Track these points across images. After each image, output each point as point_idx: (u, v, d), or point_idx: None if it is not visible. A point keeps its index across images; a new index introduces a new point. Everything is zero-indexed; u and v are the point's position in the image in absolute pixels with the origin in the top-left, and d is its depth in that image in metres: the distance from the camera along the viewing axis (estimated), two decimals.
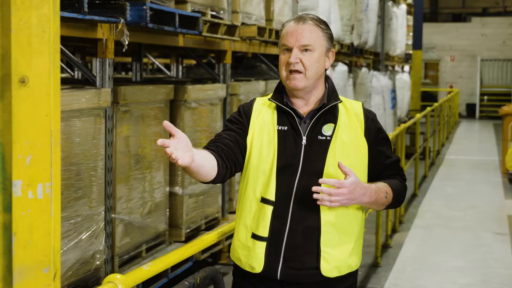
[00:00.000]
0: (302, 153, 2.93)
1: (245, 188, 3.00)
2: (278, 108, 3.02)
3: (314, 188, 2.75)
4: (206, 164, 2.82)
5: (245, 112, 3.06)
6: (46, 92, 1.85)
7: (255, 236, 2.95)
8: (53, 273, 1.86)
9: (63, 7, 4.17)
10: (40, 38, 1.85)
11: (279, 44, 3.00)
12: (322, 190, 2.74)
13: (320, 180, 2.76)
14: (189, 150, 2.63)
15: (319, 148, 2.94)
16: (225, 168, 2.92)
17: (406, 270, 7.16)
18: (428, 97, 27.39)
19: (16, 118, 1.85)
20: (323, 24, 2.99)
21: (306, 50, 2.92)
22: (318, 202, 2.76)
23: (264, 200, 2.93)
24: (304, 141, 2.94)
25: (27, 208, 1.85)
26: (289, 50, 2.93)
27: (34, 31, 1.85)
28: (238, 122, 3.04)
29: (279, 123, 2.98)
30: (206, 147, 2.94)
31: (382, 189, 2.95)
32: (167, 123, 2.59)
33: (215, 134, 3.05)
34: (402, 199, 3.11)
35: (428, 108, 13.32)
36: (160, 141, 2.53)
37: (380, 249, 7.42)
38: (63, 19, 4.19)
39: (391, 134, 7.88)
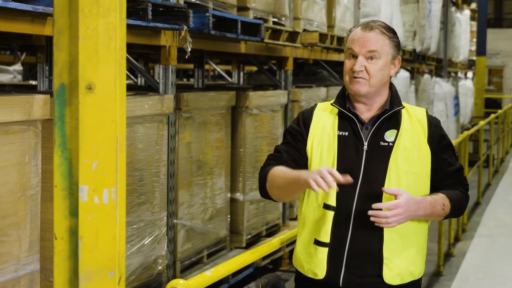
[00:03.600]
0: (363, 159, 2.91)
1: (307, 194, 2.99)
2: (339, 114, 3.01)
3: (370, 212, 2.78)
4: None
5: (304, 119, 3.05)
6: (112, 98, 1.87)
7: (317, 242, 2.94)
8: (118, 277, 1.87)
9: (128, 15, 4.18)
10: (106, 46, 1.87)
11: (345, 48, 2.99)
12: (379, 214, 2.77)
13: (374, 205, 2.79)
14: None
15: (381, 154, 2.91)
16: None
17: (469, 279, 7.04)
18: (492, 104, 26.90)
19: (83, 124, 1.87)
20: (390, 32, 2.97)
21: (371, 58, 2.91)
22: (376, 224, 2.80)
23: (326, 206, 2.92)
24: (365, 147, 2.93)
25: (93, 212, 1.87)
26: (354, 56, 2.92)
27: (101, 38, 1.87)
28: (296, 132, 3.05)
29: (339, 129, 2.97)
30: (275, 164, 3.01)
31: (439, 201, 2.92)
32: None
33: (276, 141, 3.08)
34: (462, 210, 3.07)
35: (492, 115, 13.10)
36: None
37: (443, 257, 7.31)
38: (127, 27, 4.22)
39: (454, 142, 7.78)
